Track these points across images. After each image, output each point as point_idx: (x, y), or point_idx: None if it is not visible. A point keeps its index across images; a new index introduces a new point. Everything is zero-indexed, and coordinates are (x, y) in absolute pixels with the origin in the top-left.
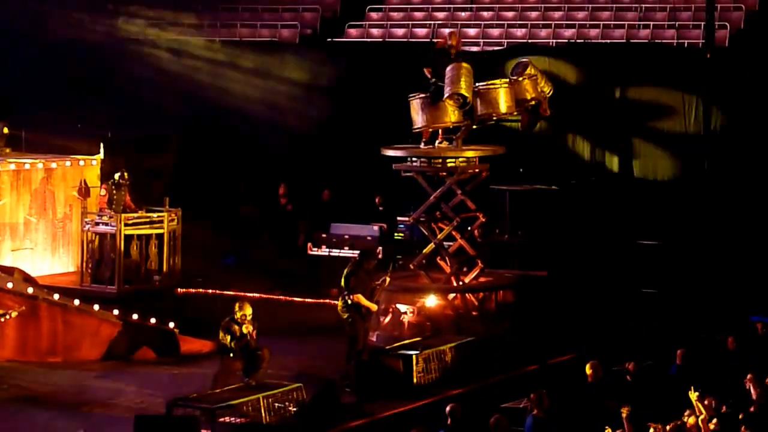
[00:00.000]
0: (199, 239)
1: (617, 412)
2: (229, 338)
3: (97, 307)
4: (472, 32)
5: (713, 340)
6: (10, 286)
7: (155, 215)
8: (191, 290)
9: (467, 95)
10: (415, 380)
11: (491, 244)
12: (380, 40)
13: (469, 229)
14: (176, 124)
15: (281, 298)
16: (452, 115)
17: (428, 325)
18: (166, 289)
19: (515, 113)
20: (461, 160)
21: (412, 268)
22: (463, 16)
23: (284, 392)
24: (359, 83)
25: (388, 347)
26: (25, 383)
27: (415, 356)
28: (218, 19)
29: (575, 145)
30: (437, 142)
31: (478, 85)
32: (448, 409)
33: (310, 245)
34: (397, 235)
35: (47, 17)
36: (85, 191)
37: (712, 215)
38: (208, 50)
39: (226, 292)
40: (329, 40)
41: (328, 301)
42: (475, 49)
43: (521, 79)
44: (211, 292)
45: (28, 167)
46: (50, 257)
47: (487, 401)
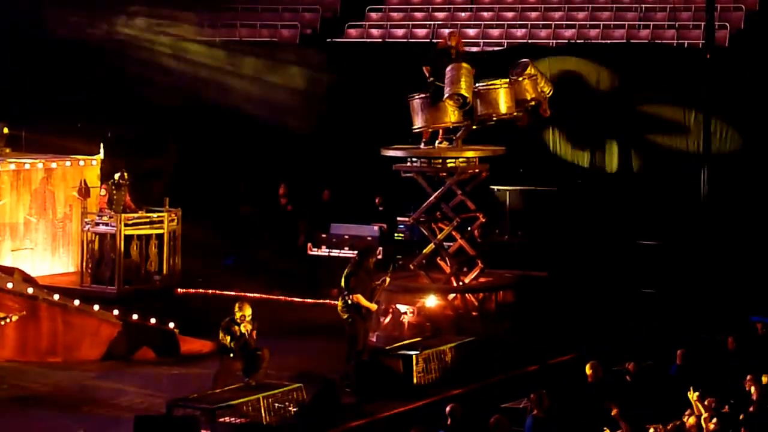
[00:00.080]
0: (199, 239)
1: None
2: (228, 338)
3: (97, 307)
4: (472, 32)
5: (713, 340)
6: (10, 286)
7: (155, 215)
8: (191, 290)
9: (467, 95)
10: (415, 380)
11: (491, 244)
12: (380, 40)
13: (469, 229)
14: (176, 124)
15: (281, 298)
16: (452, 115)
17: (428, 325)
18: (166, 289)
19: (515, 113)
20: (461, 160)
21: (412, 268)
22: (463, 16)
23: (284, 392)
24: (359, 83)
25: (388, 347)
26: (25, 383)
27: (415, 356)
28: (218, 19)
29: (575, 145)
30: (437, 142)
31: (478, 85)
32: (448, 409)
33: (310, 245)
34: (397, 235)
35: (47, 17)
36: (85, 191)
37: (712, 215)
38: (208, 50)
39: (226, 292)
40: (329, 40)
41: (328, 301)
42: (475, 49)
43: (521, 79)
44: (211, 292)
45: (28, 167)
46: (50, 257)
47: (487, 401)
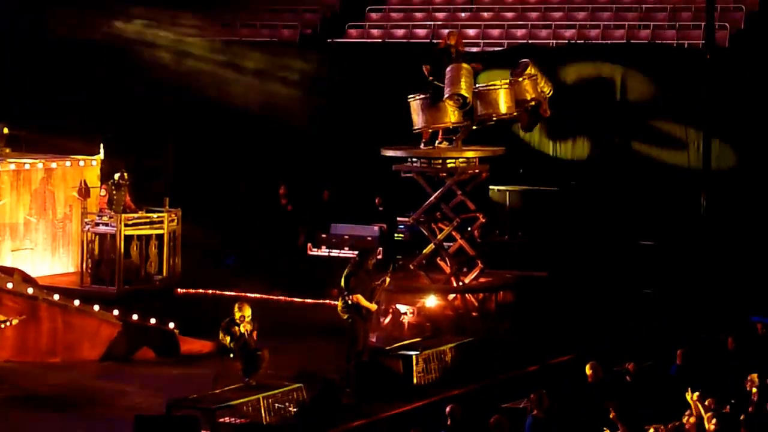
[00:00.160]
0: (199, 239)
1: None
2: (228, 339)
3: (97, 307)
4: (472, 33)
5: (713, 340)
6: (10, 286)
7: (155, 215)
8: (191, 291)
9: (467, 96)
10: (415, 381)
11: (491, 244)
12: (380, 40)
13: (469, 229)
14: (176, 124)
15: (281, 298)
16: (452, 115)
17: (428, 325)
18: (166, 289)
19: (515, 114)
20: (461, 160)
21: (412, 268)
22: (463, 16)
23: (284, 392)
24: (359, 84)
25: (388, 348)
26: (25, 383)
27: (415, 357)
28: (218, 19)
29: (575, 145)
30: (437, 142)
31: (478, 85)
32: (448, 409)
33: (310, 245)
34: (397, 235)
35: (47, 17)
36: (85, 191)
37: (712, 215)
38: (208, 50)
39: (226, 292)
40: (329, 40)
41: (328, 301)
42: (475, 49)
43: (521, 79)
44: (211, 292)
45: (28, 167)
46: (50, 258)
47: (487, 401)
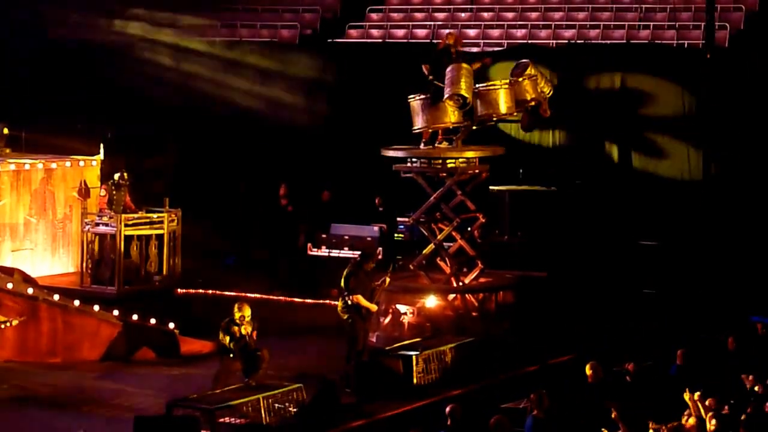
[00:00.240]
0: (199, 240)
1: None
2: (228, 339)
3: (97, 307)
4: (472, 33)
5: (713, 340)
6: (10, 286)
7: (155, 216)
8: (191, 291)
9: (467, 96)
10: (415, 381)
11: (491, 244)
12: (380, 41)
13: (469, 229)
14: (176, 124)
15: (281, 298)
16: (452, 115)
17: (428, 325)
18: (166, 289)
19: (515, 114)
20: (461, 160)
21: (411, 268)
22: (463, 16)
23: (284, 393)
24: (359, 84)
25: (388, 348)
26: (25, 383)
27: (415, 357)
28: (218, 19)
29: (575, 145)
30: (437, 142)
31: (478, 85)
32: (448, 409)
33: (310, 245)
34: (397, 235)
35: (47, 17)
36: (85, 192)
37: (712, 215)
38: (208, 50)
39: (226, 292)
40: (329, 40)
41: (327, 301)
42: (475, 49)
43: (521, 79)
44: (211, 292)
45: (28, 167)
46: (50, 258)
47: (487, 402)
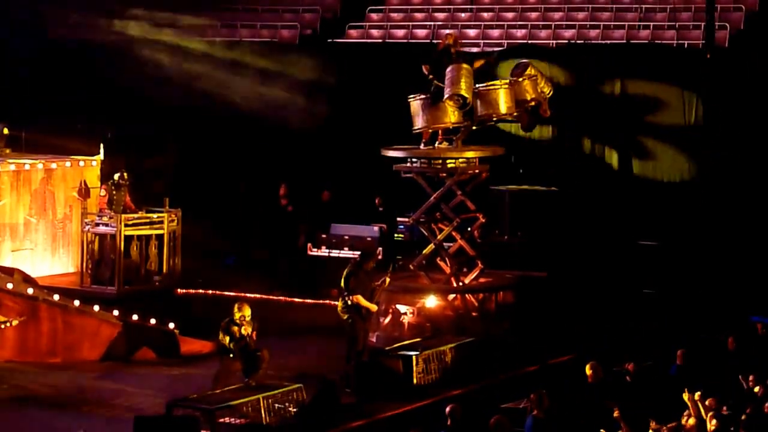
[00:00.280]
0: (199, 240)
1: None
2: (228, 339)
3: (97, 307)
4: (472, 33)
5: (713, 340)
6: (10, 287)
7: (155, 216)
8: (191, 291)
9: (467, 96)
10: (415, 381)
11: (491, 244)
12: (380, 41)
13: (468, 229)
14: (176, 124)
15: (281, 298)
16: (452, 115)
17: (428, 325)
18: (166, 289)
19: (515, 114)
20: (461, 160)
21: (411, 268)
22: (463, 17)
23: (284, 393)
24: (359, 84)
25: (388, 348)
26: (25, 384)
27: (414, 357)
28: (218, 19)
29: (575, 145)
30: (437, 142)
31: (478, 85)
32: (448, 409)
33: (310, 246)
34: (397, 235)
35: (47, 17)
36: (85, 192)
37: (712, 215)
38: (208, 50)
39: (226, 292)
40: (329, 41)
41: (327, 301)
42: (475, 49)
43: (521, 79)
44: (211, 292)
45: (28, 168)
46: (50, 258)
47: (487, 402)
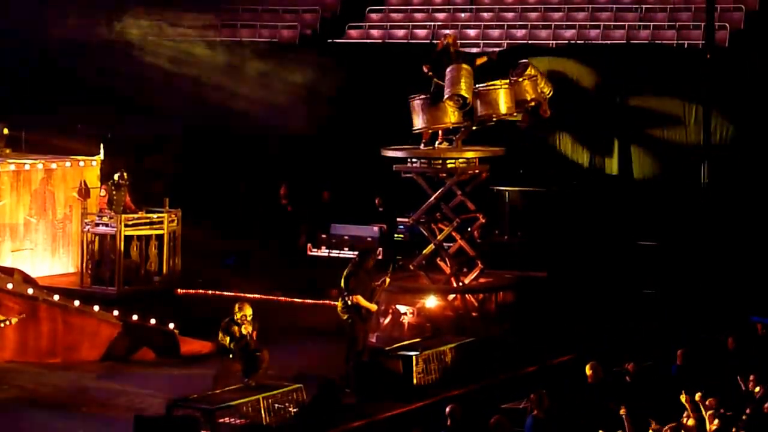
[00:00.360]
0: (199, 240)
1: (617, 412)
2: (228, 339)
3: (97, 307)
4: (472, 33)
5: (713, 340)
6: (10, 287)
7: (155, 216)
8: (191, 291)
9: (467, 96)
10: (414, 381)
11: (491, 244)
12: (380, 41)
13: (468, 230)
14: (176, 124)
15: (281, 299)
16: (452, 116)
17: (428, 326)
18: (166, 290)
19: (515, 114)
20: (461, 161)
21: (411, 268)
22: (463, 17)
23: (284, 393)
24: (359, 84)
25: (387, 348)
26: (25, 384)
27: (414, 357)
28: (218, 19)
29: (575, 145)
30: (437, 143)
31: (478, 85)
32: (447, 409)
33: (310, 246)
34: (397, 236)
35: (47, 18)
36: (85, 192)
37: (712, 216)
38: (208, 50)
39: (226, 292)
40: (329, 41)
41: (327, 302)
42: (475, 50)
43: (521, 80)
44: (211, 292)
45: (28, 168)
46: (50, 258)
47: (487, 402)
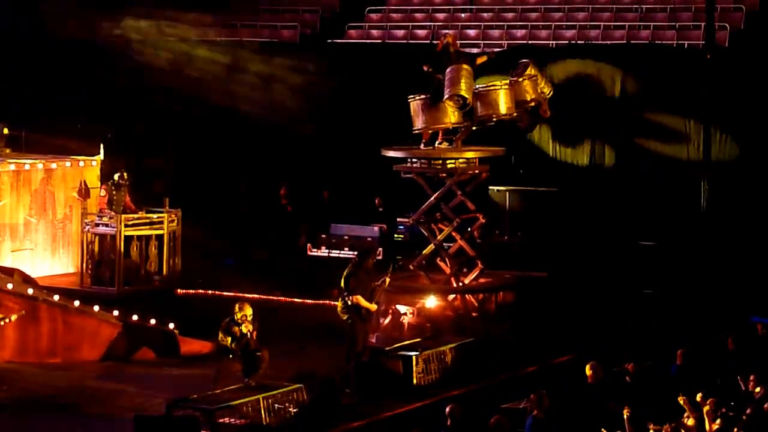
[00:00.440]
0: (199, 240)
1: (618, 413)
2: (229, 339)
3: (97, 308)
4: (472, 33)
5: (713, 340)
6: (10, 287)
7: (155, 216)
8: (191, 291)
9: (467, 96)
10: (414, 381)
11: (491, 244)
12: (380, 41)
13: (468, 230)
14: (176, 124)
15: (281, 299)
16: (452, 116)
17: (428, 326)
18: (165, 290)
19: (515, 114)
20: (461, 161)
21: (411, 269)
22: (463, 17)
23: (284, 393)
24: (359, 84)
25: (387, 348)
26: (25, 384)
27: (414, 357)
28: (218, 19)
29: (574, 145)
30: (437, 143)
31: (477, 86)
32: (447, 409)
33: (310, 246)
34: (396, 236)
35: (47, 17)
36: (85, 192)
37: (712, 215)
38: (208, 50)
39: (226, 293)
40: (329, 41)
41: (327, 302)
42: (475, 50)
43: (521, 80)
44: (210, 292)
45: (28, 168)
46: (50, 258)
47: (487, 402)
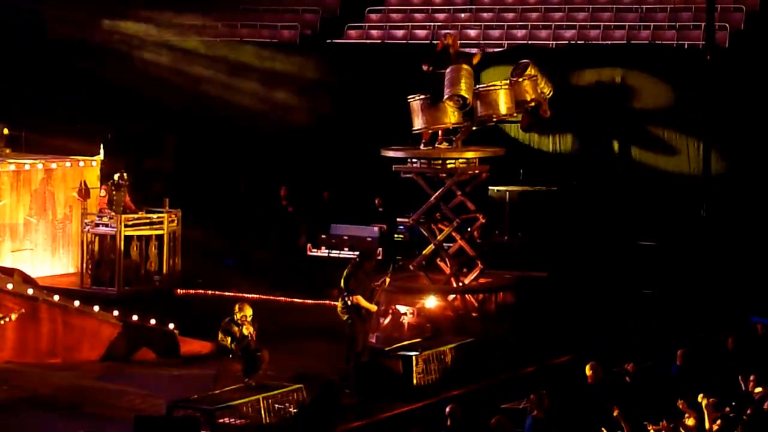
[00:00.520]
0: (199, 240)
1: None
2: (229, 339)
3: (97, 308)
4: (472, 33)
5: (713, 340)
6: (10, 287)
7: (155, 216)
8: (191, 291)
9: (467, 96)
10: (414, 381)
11: (491, 245)
12: (380, 41)
13: (468, 230)
14: (176, 124)
15: (281, 299)
16: (452, 116)
17: (428, 326)
18: (166, 290)
19: (515, 114)
20: (461, 161)
21: (411, 269)
22: (463, 17)
23: (284, 393)
24: (359, 84)
25: (387, 348)
26: (25, 384)
27: (414, 357)
28: (219, 19)
29: (574, 145)
30: (437, 143)
31: (477, 86)
32: (447, 410)
33: (309, 246)
34: (396, 236)
35: (47, 17)
36: (85, 192)
37: (712, 215)
38: (208, 51)
39: (226, 293)
40: (329, 41)
41: (327, 302)
42: (475, 50)
43: (521, 80)
44: (211, 293)
45: (28, 168)
46: (50, 258)
47: (487, 402)
